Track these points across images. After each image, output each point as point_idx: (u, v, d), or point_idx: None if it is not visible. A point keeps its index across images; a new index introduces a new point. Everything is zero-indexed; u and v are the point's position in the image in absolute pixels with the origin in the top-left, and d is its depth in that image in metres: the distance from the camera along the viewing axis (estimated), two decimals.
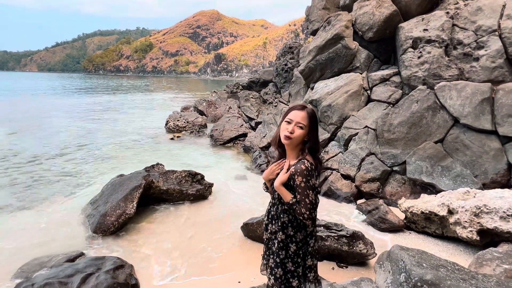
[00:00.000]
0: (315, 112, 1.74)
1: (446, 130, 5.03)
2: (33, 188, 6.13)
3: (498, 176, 4.48)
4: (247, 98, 12.37)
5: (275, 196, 1.80)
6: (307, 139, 1.70)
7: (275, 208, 1.80)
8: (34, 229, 4.38)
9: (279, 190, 1.69)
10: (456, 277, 2.25)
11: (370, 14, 6.62)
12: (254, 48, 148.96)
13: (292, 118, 1.68)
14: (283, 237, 1.73)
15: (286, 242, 1.73)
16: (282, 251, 1.73)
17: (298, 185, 1.61)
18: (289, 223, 1.72)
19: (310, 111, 1.69)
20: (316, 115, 1.73)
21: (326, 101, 6.76)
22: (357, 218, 4.79)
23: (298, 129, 1.66)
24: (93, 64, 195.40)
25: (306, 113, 1.67)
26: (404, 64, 5.76)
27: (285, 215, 1.73)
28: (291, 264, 1.72)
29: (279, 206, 1.77)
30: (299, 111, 1.68)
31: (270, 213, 1.84)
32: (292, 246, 1.72)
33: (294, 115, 1.68)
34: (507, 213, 3.42)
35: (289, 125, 1.67)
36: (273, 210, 1.82)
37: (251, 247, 3.89)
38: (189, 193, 5.23)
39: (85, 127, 12.84)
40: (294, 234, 1.72)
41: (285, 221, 1.73)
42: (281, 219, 1.74)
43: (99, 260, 3.17)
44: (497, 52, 4.79)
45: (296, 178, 1.61)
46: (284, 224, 1.73)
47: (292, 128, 1.66)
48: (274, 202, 1.82)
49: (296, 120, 1.66)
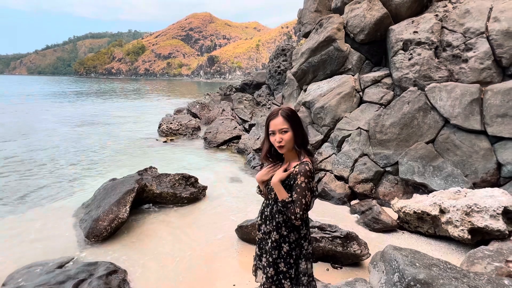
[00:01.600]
0: (290, 109, 1.75)
1: (437, 130, 5.10)
2: (23, 193, 6.01)
3: (488, 175, 4.56)
4: (241, 100, 12.39)
5: (270, 197, 1.81)
6: (294, 138, 1.71)
7: (269, 208, 1.81)
8: (24, 235, 4.29)
9: (276, 186, 1.69)
10: (449, 276, 2.28)
11: (361, 16, 6.70)
12: (247, 51, 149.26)
13: (273, 128, 1.71)
14: (277, 237, 1.74)
15: (279, 242, 1.74)
16: (275, 251, 1.74)
17: (298, 185, 1.63)
18: (283, 223, 1.74)
19: (284, 113, 1.70)
20: (293, 113, 1.73)
21: (319, 103, 6.81)
22: (350, 219, 4.81)
23: (284, 134, 1.69)
24: (85, 67, 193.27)
25: (281, 117, 1.69)
26: (395, 66, 5.84)
27: (280, 215, 1.75)
28: (283, 264, 1.73)
29: (274, 207, 1.78)
30: (275, 119, 1.71)
31: (264, 214, 1.86)
32: (285, 246, 1.74)
33: (273, 125, 1.71)
34: (497, 211, 3.49)
35: (275, 136, 1.70)
36: (267, 211, 1.83)
37: (246, 250, 3.88)
38: (182, 196, 5.20)
39: (76, 131, 12.67)
40: (288, 234, 1.74)
41: (280, 221, 1.75)
42: (276, 219, 1.76)
43: (92, 266, 3.13)
44: (485, 53, 4.89)
45: (298, 178, 1.64)
46: (279, 224, 1.75)
47: (279, 137, 1.69)
48: (268, 203, 1.84)
49: (277, 128, 1.69)
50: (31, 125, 13.82)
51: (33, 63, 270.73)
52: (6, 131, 12.18)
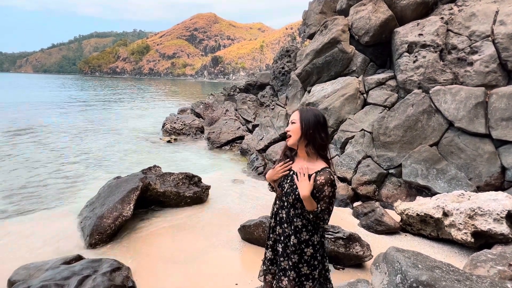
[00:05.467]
0: (309, 109, 1.78)
1: (441, 133, 5.09)
2: (28, 192, 6.07)
3: (492, 179, 4.54)
4: (244, 101, 12.41)
5: (285, 200, 1.78)
6: (304, 138, 1.73)
7: (285, 211, 1.78)
8: (28, 234, 4.33)
9: (307, 200, 1.65)
10: (451, 278, 2.28)
11: (367, 18, 6.70)
12: (251, 51, 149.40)
13: (290, 119, 1.83)
14: (295, 241, 1.72)
15: (299, 247, 1.72)
16: (294, 255, 1.72)
17: (326, 195, 1.66)
18: (303, 227, 1.72)
19: (301, 107, 1.84)
20: (309, 111, 1.76)
21: (323, 104, 6.82)
22: (353, 220, 4.82)
23: (291, 125, 1.79)
24: (89, 66, 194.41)
25: (297, 111, 1.81)
26: (400, 68, 5.84)
27: (298, 219, 1.73)
28: (306, 268, 1.72)
29: (291, 210, 1.75)
30: (294, 112, 1.83)
31: (278, 216, 1.83)
32: (309, 250, 1.72)
33: (291, 116, 1.83)
34: (501, 215, 3.48)
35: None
36: (282, 213, 1.80)
37: (249, 250, 3.90)
38: (186, 195, 5.22)
39: (80, 129, 12.77)
40: (310, 237, 1.73)
41: (299, 225, 1.72)
42: (294, 223, 1.73)
43: (96, 263, 3.16)
44: (491, 57, 4.88)
45: (326, 189, 1.66)
46: (297, 229, 1.72)
47: (289, 126, 1.80)
48: (283, 205, 1.80)
49: (291, 119, 1.81)
50: (35, 122, 13.94)
51: (39, 62, 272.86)
52: (9, 128, 12.31)
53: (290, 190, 1.75)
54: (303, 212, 1.71)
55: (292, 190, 1.73)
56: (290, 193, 1.74)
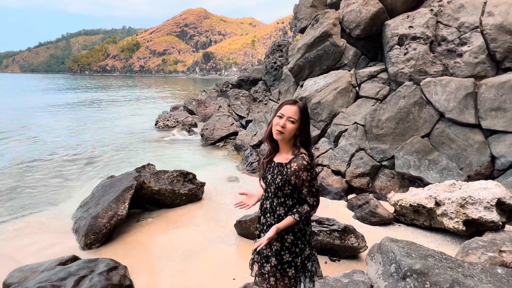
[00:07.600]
0: (307, 106, 1.78)
1: (432, 124, 5.16)
2: (20, 193, 5.99)
3: (482, 168, 4.63)
4: (237, 96, 12.37)
5: (269, 191, 1.82)
6: (298, 133, 1.73)
7: (269, 201, 1.82)
8: (23, 235, 4.28)
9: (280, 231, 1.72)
10: (444, 266, 2.33)
11: (357, 11, 6.71)
12: (242, 46, 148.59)
13: (284, 112, 1.71)
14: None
15: (281, 234, 1.76)
16: (277, 243, 1.77)
17: (305, 180, 1.67)
18: (285, 215, 1.76)
19: (301, 105, 1.73)
20: (307, 110, 1.77)
21: (316, 98, 6.84)
22: (348, 212, 4.87)
23: (289, 124, 1.69)
24: (79, 64, 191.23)
25: (297, 108, 1.71)
26: (391, 60, 5.88)
27: (281, 207, 1.77)
28: (288, 255, 1.76)
29: (274, 200, 1.79)
30: (290, 106, 1.71)
31: (263, 206, 1.87)
32: (289, 237, 1.76)
33: (285, 109, 1.71)
34: (491, 203, 3.56)
35: (281, 120, 1.70)
36: (266, 203, 1.84)
37: (245, 245, 3.92)
38: (181, 192, 5.21)
39: (72, 128, 12.59)
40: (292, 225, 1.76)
41: (281, 213, 1.76)
42: (276, 212, 1.78)
43: (92, 262, 3.14)
44: (479, 48, 4.94)
45: (302, 174, 1.66)
46: (280, 217, 1.76)
47: (283, 122, 1.69)
48: (267, 195, 1.84)
49: (288, 114, 1.69)
50: (26, 121, 13.69)
51: (26, 61, 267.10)
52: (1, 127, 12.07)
53: (271, 180, 1.79)
54: (286, 201, 1.76)
55: (273, 180, 1.77)
56: (271, 183, 1.78)
